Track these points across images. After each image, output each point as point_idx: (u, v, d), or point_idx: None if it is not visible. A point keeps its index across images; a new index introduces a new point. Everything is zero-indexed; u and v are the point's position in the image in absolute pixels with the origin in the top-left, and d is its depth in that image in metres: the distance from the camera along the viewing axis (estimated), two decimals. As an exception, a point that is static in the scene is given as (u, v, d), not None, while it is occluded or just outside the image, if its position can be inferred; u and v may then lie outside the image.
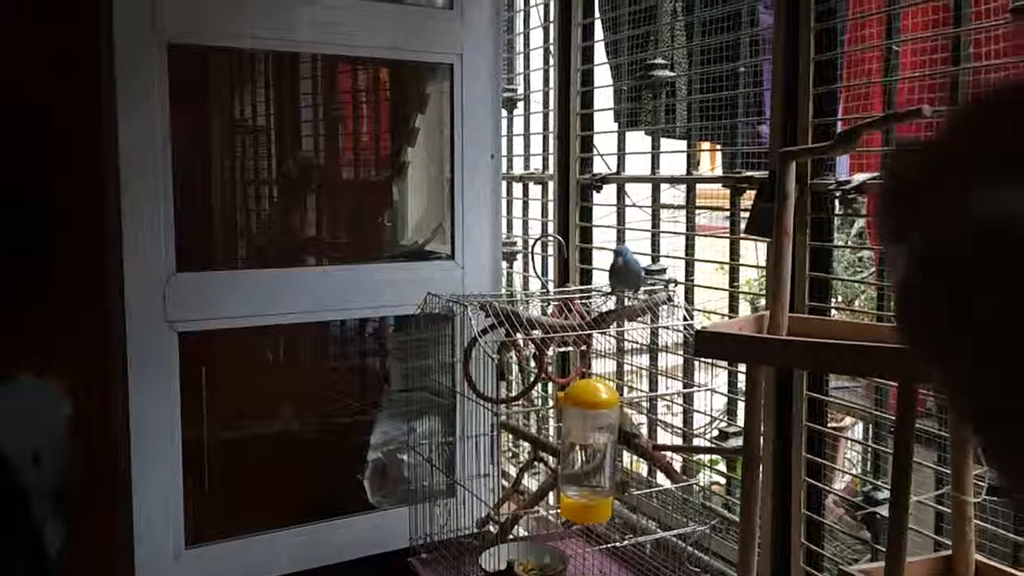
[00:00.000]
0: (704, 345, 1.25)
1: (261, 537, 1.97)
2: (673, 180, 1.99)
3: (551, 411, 1.68)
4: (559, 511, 1.73)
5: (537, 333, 1.74)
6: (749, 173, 1.70)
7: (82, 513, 1.96)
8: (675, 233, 2.05)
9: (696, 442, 1.84)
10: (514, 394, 1.98)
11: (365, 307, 2.10)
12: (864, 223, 2.00)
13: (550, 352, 1.90)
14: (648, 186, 2.11)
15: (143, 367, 1.81)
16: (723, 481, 1.95)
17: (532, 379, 1.86)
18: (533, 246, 2.17)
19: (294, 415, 2.24)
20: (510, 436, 2.14)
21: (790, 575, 1.62)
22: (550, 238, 2.16)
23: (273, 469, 2.11)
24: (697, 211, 2.03)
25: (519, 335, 1.76)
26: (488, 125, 2.17)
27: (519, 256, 2.70)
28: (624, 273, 1.75)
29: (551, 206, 2.46)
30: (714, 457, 2.04)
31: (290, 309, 1.97)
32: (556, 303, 1.88)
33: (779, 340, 1.20)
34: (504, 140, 2.57)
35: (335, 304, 2.04)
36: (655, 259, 2.05)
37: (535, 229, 2.63)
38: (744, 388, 1.48)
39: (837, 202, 1.52)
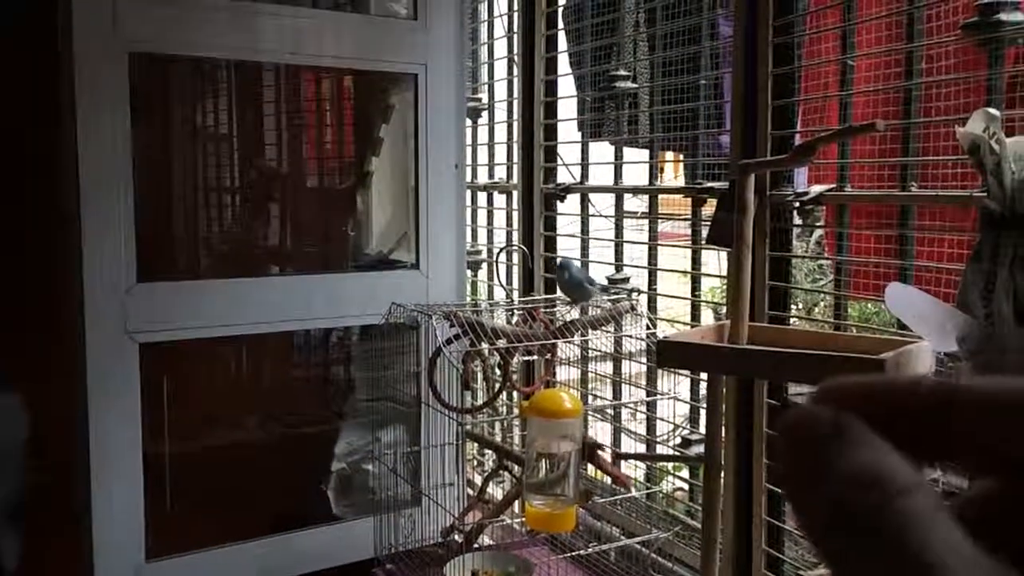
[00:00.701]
0: (666, 354, 1.26)
1: (224, 549, 1.95)
2: (636, 190, 2.01)
3: (516, 420, 1.69)
4: (524, 520, 1.74)
5: (502, 342, 1.75)
6: (710, 184, 1.73)
7: (41, 528, 1.93)
8: (638, 242, 2.07)
9: (660, 449, 1.86)
10: (479, 403, 1.99)
11: (329, 316, 2.10)
12: (823, 233, 2.04)
13: (515, 361, 1.91)
14: (611, 195, 2.13)
15: (103, 379, 1.78)
16: (686, 488, 1.97)
17: (497, 388, 1.87)
18: (498, 256, 2.18)
19: (257, 426, 2.22)
20: (475, 445, 2.14)
21: (751, 579, 1.64)
22: (515, 247, 2.17)
23: (236, 481, 2.09)
24: (660, 219, 2.06)
25: (484, 344, 1.76)
26: (452, 134, 2.18)
27: (483, 265, 2.71)
28: (568, 285, 1.77)
29: (515, 215, 2.47)
30: (677, 464, 2.06)
31: (253, 319, 1.96)
32: (520, 312, 1.89)
33: (739, 349, 1.22)
34: (469, 149, 2.58)
35: (299, 314, 2.03)
36: (618, 268, 2.07)
37: (500, 238, 2.64)
38: (705, 396, 1.50)
39: (795, 212, 1.55)
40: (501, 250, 2.20)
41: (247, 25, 1.91)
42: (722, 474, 1.39)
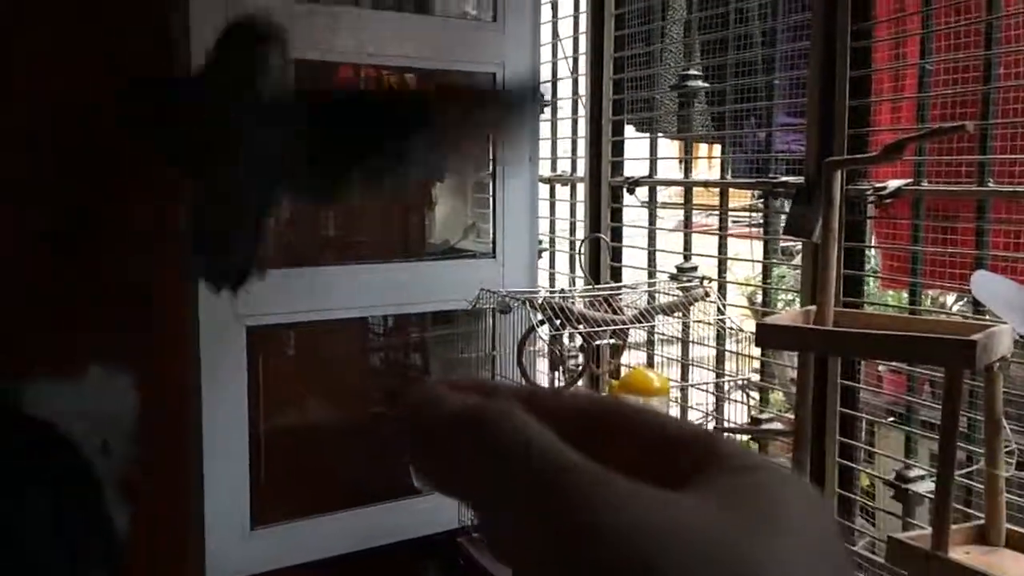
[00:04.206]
0: (764, 336, 1.38)
1: (320, 520, 2.09)
2: (707, 184, 2.13)
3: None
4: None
5: (581, 327, 1.88)
6: (784, 178, 1.84)
7: (155, 497, 2.07)
8: (707, 232, 2.18)
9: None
10: (563, 384, 2.11)
11: (417, 302, 2.22)
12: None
13: (596, 345, 2.03)
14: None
15: (214, 360, 1.91)
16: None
17: (580, 369, 1.99)
18: (581, 245, 2.30)
19: (345, 405, 2.35)
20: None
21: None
22: (594, 237, 2.29)
23: (327, 456, 2.22)
24: (711, 212, 2.18)
25: (569, 329, 1.89)
26: (528, 130, 2.29)
27: (544, 254, 2.83)
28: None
29: (579, 207, 2.59)
30: (744, 440, 2.18)
31: (347, 304, 2.09)
32: (597, 299, 2.01)
33: (837, 331, 1.34)
34: (534, 144, 2.69)
35: (388, 299, 2.16)
36: (687, 257, 2.19)
37: (561, 228, 2.76)
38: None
39: (871, 206, 1.67)
40: (583, 240, 2.31)
41: (342, 29, 2.03)
42: (809, 447, 1.51)
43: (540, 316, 1.91)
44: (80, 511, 2.03)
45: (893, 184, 1.58)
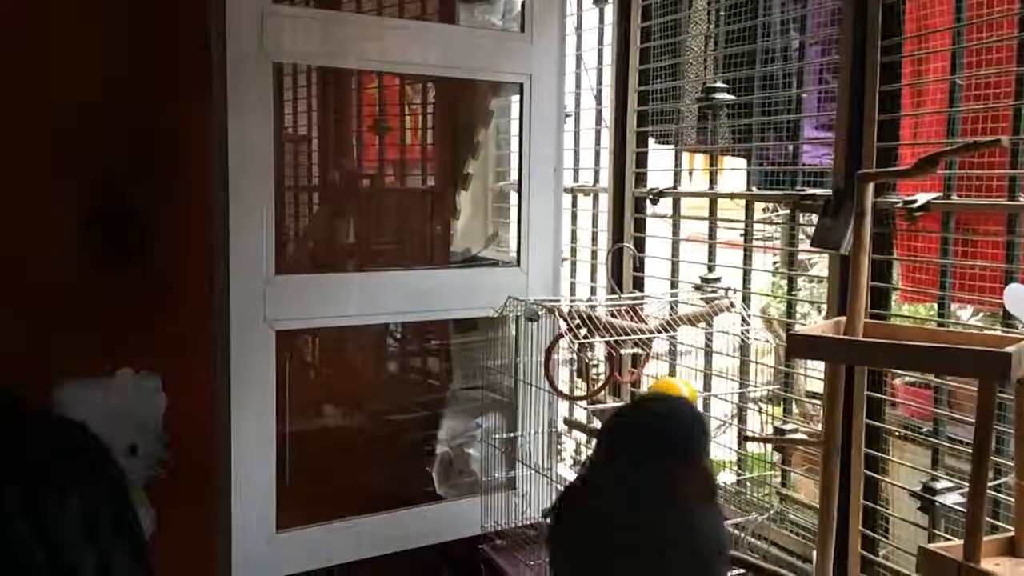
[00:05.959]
0: (796, 346, 1.40)
1: (343, 523, 2.10)
2: (733, 195, 2.14)
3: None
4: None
5: (607, 337, 1.89)
6: (812, 191, 1.86)
7: (180, 499, 2.09)
8: (731, 244, 2.20)
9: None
10: (585, 393, 2.12)
11: (441, 309, 2.24)
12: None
13: (621, 354, 2.05)
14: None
15: (244, 363, 1.93)
16: (777, 474, 2.09)
17: (606, 378, 2.00)
18: (609, 255, 2.31)
19: (369, 410, 2.37)
20: (573, 433, 2.28)
21: (847, 556, 1.77)
22: (624, 246, 2.31)
23: (351, 461, 2.24)
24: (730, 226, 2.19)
25: (596, 337, 1.90)
26: (553, 140, 2.32)
27: (565, 263, 2.85)
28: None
29: (602, 217, 2.61)
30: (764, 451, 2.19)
31: (374, 310, 2.11)
32: (621, 309, 2.02)
33: (869, 342, 1.35)
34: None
35: (413, 306, 2.17)
36: (711, 268, 2.20)
37: (583, 239, 2.77)
38: (819, 388, 1.62)
39: (898, 218, 1.68)
40: (611, 250, 2.33)
41: (375, 39, 2.06)
42: (838, 457, 1.52)
43: (565, 325, 1.92)
44: (110, 512, 2.04)
45: (923, 197, 1.60)
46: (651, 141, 2.43)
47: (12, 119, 1.84)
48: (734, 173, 2.34)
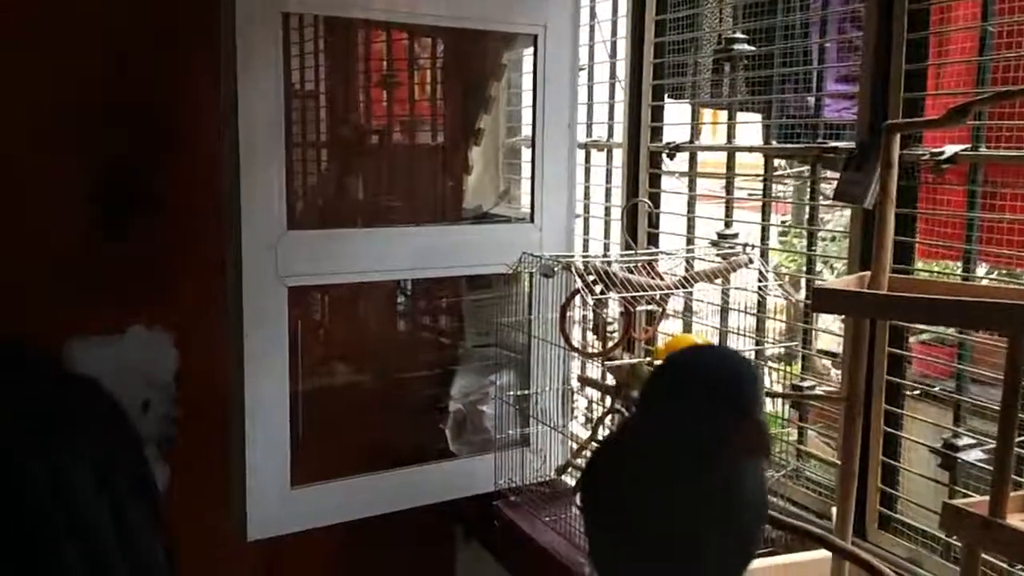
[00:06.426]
0: (821, 300, 1.37)
1: (358, 480, 2.10)
2: (751, 149, 2.10)
3: (647, 364, 1.81)
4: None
5: (624, 292, 1.86)
6: (835, 144, 1.82)
7: (194, 456, 2.09)
8: (750, 199, 2.16)
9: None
10: (600, 350, 2.10)
11: (456, 265, 2.22)
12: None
13: (637, 311, 2.02)
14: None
15: (257, 320, 1.91)
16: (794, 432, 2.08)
17: (620, 335, 1.98)
18: (623, 211, 2.28)
19: (382, 367, 2.36)
20: (586, 389, 2.27)
21: (865, 511, 1.76)
22: (641, 201, 2.27)
23: (365, 417, 2.23)
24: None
25: (612, 293, 1.88)
26: (567, 94, 2.27)
27: (578, 220, 2.81)
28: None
29: (615, 173, 2.57)
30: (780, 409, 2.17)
31: (387, 266, 2.09)
32: (638, 265, 2.00)
33: (898, 296, 1.33)
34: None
35: (427, 262, 2.15)
36: (728, 224, 2.17)
37: (596, 195, 2.73)
38: (843, 342, 1.60)
39: (924, 171, 1.64)
40: (626, 206, 2.30)
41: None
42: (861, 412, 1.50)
43: (580, 281, 1.89)
44: (125, 465, 2.05)
45: (950, 149, 1.56)
46: (666, 96, 2.38)
47: (28, 74, 1.81)
48: (749, 129, 2.29)
